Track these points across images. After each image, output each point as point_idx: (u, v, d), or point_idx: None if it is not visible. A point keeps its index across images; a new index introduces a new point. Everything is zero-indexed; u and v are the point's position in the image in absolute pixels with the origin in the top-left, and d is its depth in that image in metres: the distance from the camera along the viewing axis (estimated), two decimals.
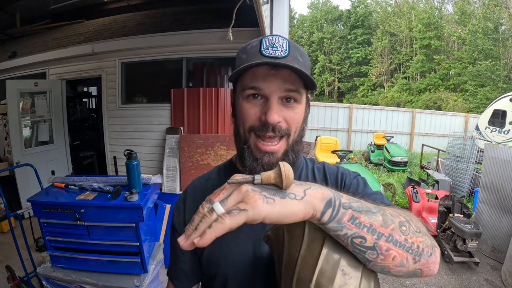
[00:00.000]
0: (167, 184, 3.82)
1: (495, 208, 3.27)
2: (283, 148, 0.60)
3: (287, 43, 0.58)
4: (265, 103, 0.57)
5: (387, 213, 0.43)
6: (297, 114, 0.59)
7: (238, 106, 0.61)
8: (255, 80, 0.57)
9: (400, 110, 10.19)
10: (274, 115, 0.55)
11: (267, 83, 0.56)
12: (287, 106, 0.58)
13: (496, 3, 15.06)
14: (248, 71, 0.58)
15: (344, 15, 24.04)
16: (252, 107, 0.58)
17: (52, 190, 2.00)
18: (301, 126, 0.62)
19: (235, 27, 2.92)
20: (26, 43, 4.94)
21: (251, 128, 0.59)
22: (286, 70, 0.55)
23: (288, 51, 0.56)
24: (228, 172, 0.73)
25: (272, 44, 0.57)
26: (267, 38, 0.58)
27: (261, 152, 0.59)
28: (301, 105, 0.60)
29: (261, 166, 0.59)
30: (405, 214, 0.46)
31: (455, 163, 5.25)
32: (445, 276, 2.92)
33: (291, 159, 0.61)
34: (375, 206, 0.43)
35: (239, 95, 0.61)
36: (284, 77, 0.56)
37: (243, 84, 0.59)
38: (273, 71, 0.56)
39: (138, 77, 4.33)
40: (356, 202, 0.42)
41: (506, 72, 14.87)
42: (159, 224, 2.62)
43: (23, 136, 3.92)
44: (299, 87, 0.58)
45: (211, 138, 3.71)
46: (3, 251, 3.05)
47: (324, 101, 20.74)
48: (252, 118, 0.58)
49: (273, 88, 0.56)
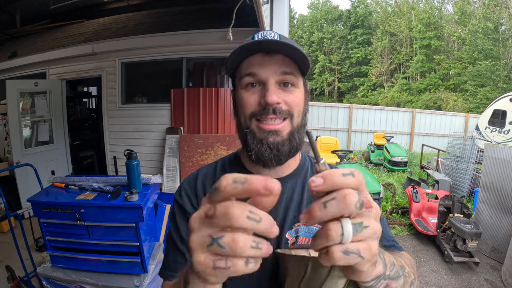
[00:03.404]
0: (167, 184, 3.82)
1: (495, 208, 3.27)
2: (287, 129, 0.58)
3: (277, 34, 0.60)
4: (263, 88, 0.58)
5: (405, 272, 0.48)
6: (296, 97, 0.59)
7: (238, 97, 0.61)
8: (251, 67, 0.58)
9: (400, 110, 10.18)
10: (272, 95, 0.56)
11: (263, 68, 0.57)
12: (285, 90, 0.58)
13: (496, 3, 15.06)
14: (243, 62, 0.59)
15: (344, 15, 24.05)
16: (251, 94, 0.59)
17: (52, 190, 2.00)
18: (303, 110, 0.62)
19: (235, 27, 2.93)
20: (26, 43, 4.93)
21: (252, 114, 0.59)
22: (279, 55, 0.57)
23: (279, 39, 0.58)
24: (232, 165, 0.70)
25: (263, 36, 0.59)
26: (258, 33, 0.61)
27: (264, 132, 0.58)
28: (299, 89, 0.61)
29: (267, 146, 0.57)
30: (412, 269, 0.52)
31: (455, 163, 5.25)
32: (445, 276, 2.92)
33: (297, 141, 0.60)
34: (401, 267, 0.47)
35: (237, 87, 0.61)
36: (279, 61, 0.57)
37: (240, 74, 0.60)
38: (267, 57, 0.57)
39: (138, 77, 4.33)
40: (391, 270, 0.44)
41: (506, 72, 14.86)
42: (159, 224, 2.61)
43: (23, 136, 3.92)
44: (294, 70, 0.58)
45: (211, 138, 3.71)
46: (3, 251, 3.05)
47: (324, 101, 20.74)
48: (252, 104, 0.58)
49: (269, 73, 0.57)
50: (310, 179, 0.29)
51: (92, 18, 4.68)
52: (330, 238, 0.29)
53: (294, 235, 0.61)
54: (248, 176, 0.28)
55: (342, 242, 0.29)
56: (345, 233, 0.29)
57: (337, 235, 0.29)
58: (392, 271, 0.43)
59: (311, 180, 0.29)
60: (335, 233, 0.29)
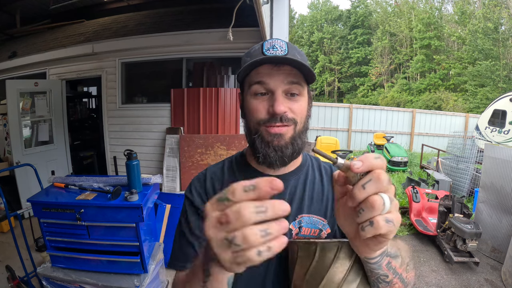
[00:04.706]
0: (167, 184, 3.82)
1: (495, 208, 3.27)
2: (290, 133, 0.64)
3: (285, 44, 0.64)
4: (271, 97, 0.63)
5: (402, 252, 0.53)
6: (301, 105, 0.65)
7: (247, 104, 0.66)
8: (260, 76, 0.62)
9: (400, 110, 10.17)
10: (280, 106, 0.61)
11: (272, 78, 0.62)
12: (291, 99, 0.63)
13: (496, 3, 15.06)
14: (253, 71, 0.64)
15: (344, 15, 24.04)
16: (260, 102, 0.63)
17: (52, 190, 2.00)
18: (306, 117, 0.67)
19: (235, 27, 2.93)
20: (26, 43, 4.93)
21: (260, 121, 0.63)
22: (287, 66, 0.62)
23: (287, 51, 0.62)
24: (239, 164, 0.75)
25: (272, 46, 0.63)
26: (267, 41, 0.65)
27: (270, 134, 0.63)
28: (304, 97, 0.66)
29: (272, 149, 0.63)
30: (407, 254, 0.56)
31: (455, 163, 5.24)
32: (445, 276, 2.92)
33: (299, 145, 0.65)
34: (398, 248, 0.52)
35: (246, 94, 0.66)
36: (286, 72, 0.62)
37: (249, 81, 0.65)
38: (276, 68, 0.62)
39: (138, 77, 4.33)
40: (392, 248, 0.49)
41: (506, 72, 14.85)
42: (159, 224, 2.62)
43: (23, 136, 3.92)
44: (300, 80, 0.63)
45: (211, 138, 3.71)
46: (3, 251, 3.05)
47: (324, 101, 20.73)
48: (261, 112, 0.63)
49: (277, 82, 0.62)
50: (352, 163, 0.35)
51: (92, 18, 4.68)
52: (376, 209, 0.35)
53: (297, 226, 0.67)
54: (254, 182, 0.32)
55: (382, 213, 0.35)
56: (386, 204, 0.35)
57: (381, 205, 0.35)
58: (392, 249, 0.49)
59: (353, 164, 0.35)
60: (380, 203, 0.35)
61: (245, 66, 0.62)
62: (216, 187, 0.72)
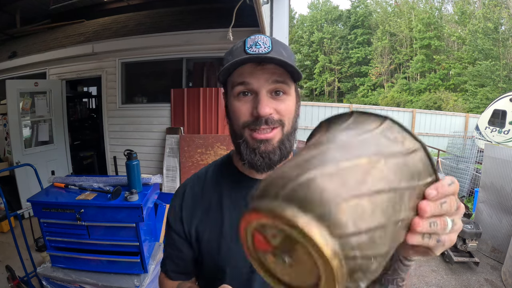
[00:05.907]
0: (167, 184, 3.82)
1: (495, 208, 3.27)
2: (278, 136, 0.60)
3: (269, 40, 0.59)
4: (255, 98, 0.58)
5: None
6: (288, 106, 0.60)
7: (230, 105, 0.62)
8: (242, 76, 0.58)
9: (400, 110, 10.19)
10: (265, 108, 0.56)
11: (255, 78, 0.57)
12: (277, 99, 0.59)
13: (496, 3, 15.06)
14: (235, 71, 0.59)
15: (344, 15, 24.03)
16: (243, 104, 0.59)
17: (52, 190, 2.00)
18: (294, 117, 0.63)
19: (235, 27, 2.93)
20: (26, 43, 4.94)
21: (244, 124, 0.60)
22: (271, 65, 0.57)
23: (271, 47, 0.58)
24: (225, 167, 0.72)
25: (255, 43, 0.58)
26: (250, 37, 0.60)
27: (256, 141, 0.59)
28: (291, 96, 0.61)
29: (259, 156, 0.59)
30: None
31: (455, 163, 5.25)
32: (445, 276, 2.92)
33: (287, 148, 0.62)
34: None
35: (230, 95, 0.62)
36: (270, 71, 0.57)
37: (232, 82, 0.60)
38: (259, 67, 0.57)
39: (138, 77, 4.33)
40: None
41: (506, 72, 14.85)
42: (159, 224, 2.61)
43: (23, 136, 3.92)
44: (286, 79, 0.59)
45: (211, 138, 3.71)
46: (3, 251, 3.05)
47: (324, 101, 20.75)
48: (245, 114, 0.59)
49: (261, 82, 0.57)
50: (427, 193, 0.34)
51: (92, 18, 4.68)
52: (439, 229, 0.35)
53: None
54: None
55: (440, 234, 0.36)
56: (448, 227, 0.36)
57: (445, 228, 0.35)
58: None
59: (428, 194, 0.34)
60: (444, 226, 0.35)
61: (227, 66, 0.57)
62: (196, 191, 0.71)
